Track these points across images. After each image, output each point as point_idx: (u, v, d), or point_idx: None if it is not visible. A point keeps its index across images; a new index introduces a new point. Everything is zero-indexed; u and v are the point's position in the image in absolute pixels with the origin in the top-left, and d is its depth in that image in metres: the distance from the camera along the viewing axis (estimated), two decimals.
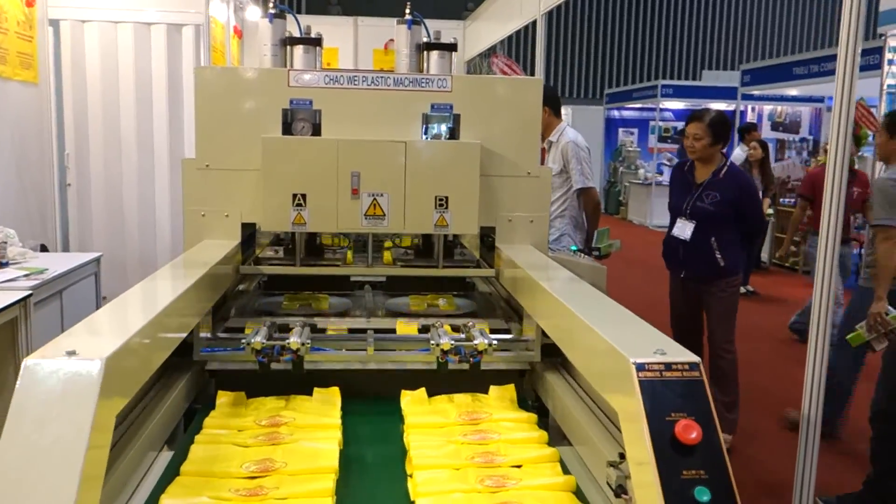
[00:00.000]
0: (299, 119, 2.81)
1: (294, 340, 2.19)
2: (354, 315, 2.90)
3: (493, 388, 2.37)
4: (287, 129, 2.80)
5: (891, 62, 8.79)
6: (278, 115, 2.77)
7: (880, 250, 3.70)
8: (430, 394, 2.37)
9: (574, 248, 3.97)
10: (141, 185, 5.85)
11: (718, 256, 4.24)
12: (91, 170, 5.80)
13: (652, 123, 18.09)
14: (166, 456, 1.90)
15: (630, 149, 18.41)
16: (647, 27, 24.34)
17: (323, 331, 2.65)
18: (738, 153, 9.75)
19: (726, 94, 14.43)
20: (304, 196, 2.67)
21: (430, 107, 2.84)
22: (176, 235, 5.92)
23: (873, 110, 9.05)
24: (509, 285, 2.67)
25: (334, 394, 2.28)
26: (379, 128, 2.83)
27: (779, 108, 16.63)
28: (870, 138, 9.25)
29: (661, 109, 17.08)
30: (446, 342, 2.23)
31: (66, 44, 5.64)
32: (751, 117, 16.90)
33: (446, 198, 2.71)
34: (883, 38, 8.64)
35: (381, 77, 2.83)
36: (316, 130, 2.80)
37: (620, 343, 1.48)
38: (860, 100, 9.34)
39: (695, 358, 1.43)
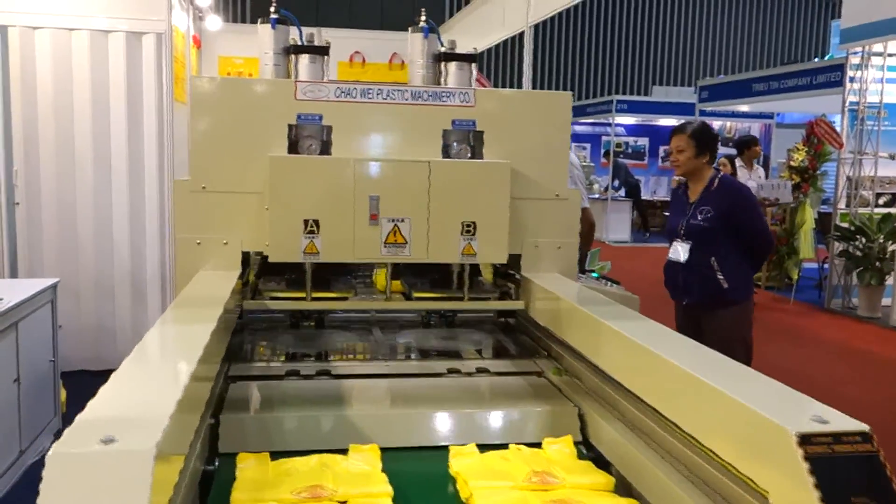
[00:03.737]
0: (306, 136, 2.52)
1: None
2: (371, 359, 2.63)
3: (547, 440, 2.07)
4: (293, 146, 2.50)
5: (852, 80, 8.87)
6: (283, 132, 2.48)
7: None
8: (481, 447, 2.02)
9: (595, 274, 3.75)
10: (97, 204, 5.40)
11: (721, 278, 3.85)
12: (42, 187, 5.33)
13: (605, 138, 18.16)
14: None
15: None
16: (600, 43, 24.57)
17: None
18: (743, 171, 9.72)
19: (681, 109, 14.52)
20: (316, 222, 2.38)
21: (451, 123, 2.59)
22: (136, 258, 5.50)
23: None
24: (548, 320, 2.41)
25: (373, 453, 1.94)
26: (394, 146, 2.56)
27: (728, 124, 16.85)
28: (832, 155, 9.34)
29: (615, 125, 17.15)
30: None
31: (15, 51, 5.20)
32: None
33: (474, 223, 2.46)
34: (845, 55, 8.72)
35: (398, 90, 2.56)
36: (325, 148, 2.52)
37: (767, 408, 1.24)
38: (822, 117, 9.41)
39: (865, 427, 1.20)
